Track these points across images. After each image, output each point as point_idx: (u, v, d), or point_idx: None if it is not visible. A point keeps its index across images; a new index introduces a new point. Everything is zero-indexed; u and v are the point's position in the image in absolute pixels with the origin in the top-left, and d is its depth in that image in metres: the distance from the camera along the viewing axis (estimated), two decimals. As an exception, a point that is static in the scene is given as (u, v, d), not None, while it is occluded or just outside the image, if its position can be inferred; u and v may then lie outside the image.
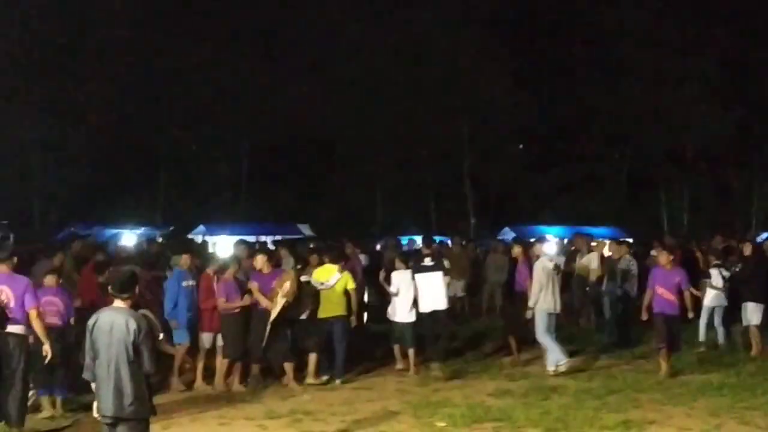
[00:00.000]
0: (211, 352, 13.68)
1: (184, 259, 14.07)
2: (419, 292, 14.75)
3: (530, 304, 14.63)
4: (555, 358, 14.44)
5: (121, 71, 42.07)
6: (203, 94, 43.65)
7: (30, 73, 40.54)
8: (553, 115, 45.74)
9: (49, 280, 11.76)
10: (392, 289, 14.94)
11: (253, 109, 44.41)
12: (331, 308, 14.12)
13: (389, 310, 15.11)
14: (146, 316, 8.03)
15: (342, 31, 44.47)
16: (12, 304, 10.16)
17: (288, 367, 13.68)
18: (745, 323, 16.20)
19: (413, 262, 15.18)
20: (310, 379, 13.82)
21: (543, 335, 14.62)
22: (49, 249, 17.38)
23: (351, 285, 14.31)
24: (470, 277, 22.36)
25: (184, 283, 13.60)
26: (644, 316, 14.75)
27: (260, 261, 14.01)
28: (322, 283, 14.15)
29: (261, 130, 45.68)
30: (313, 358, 13.95)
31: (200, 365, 13.62)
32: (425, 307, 14.76)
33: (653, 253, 18.39)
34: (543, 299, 14.58)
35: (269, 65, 44.10)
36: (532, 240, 17.64)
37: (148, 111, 43.08)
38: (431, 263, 15.03)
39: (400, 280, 14.88)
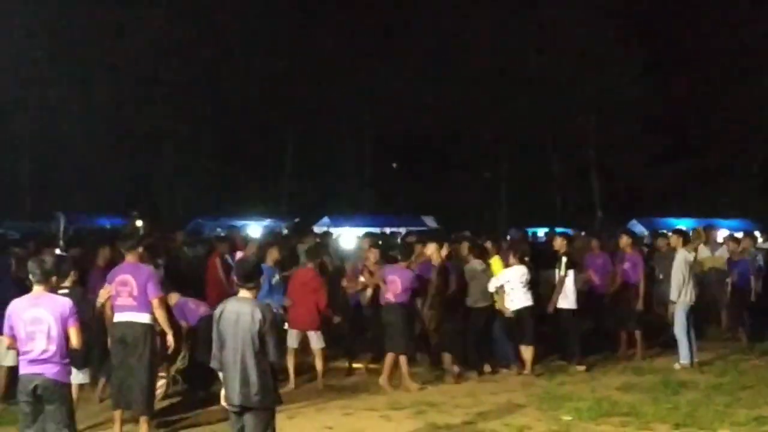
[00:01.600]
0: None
1: (271, 255, 13.95)
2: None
3: (672, 297, 14.31)
4: (685, 354, 14.15)
5: (249, 65, 42.80)
6: (329, 87, 44.08)
7: (160, 70, 41.58)
8: (683, 104, 44.61)
9: None
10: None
11: (378, 101, 44.71)
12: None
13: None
14: (270, 306, 8.10)
15: (468, 24, 44.36)
16: (136, 293, 10.34)
17: (446, 357, 13.59)
18: None
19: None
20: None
21: (681, 330, 14.25)
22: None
23: None
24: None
25: (273, 281, 13.59)
26: None
27: (431, 249, 13.95)
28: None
29: (386, 122, 45.99)
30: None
31: (318, 362, 13.37)
32: (561, 304, 14.39)
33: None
34: (684, 292, 14.27)
35: (395, 58, 44.26)
36: (662, 231, 17.23)
37: (273, 104, 43.72)
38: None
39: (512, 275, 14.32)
